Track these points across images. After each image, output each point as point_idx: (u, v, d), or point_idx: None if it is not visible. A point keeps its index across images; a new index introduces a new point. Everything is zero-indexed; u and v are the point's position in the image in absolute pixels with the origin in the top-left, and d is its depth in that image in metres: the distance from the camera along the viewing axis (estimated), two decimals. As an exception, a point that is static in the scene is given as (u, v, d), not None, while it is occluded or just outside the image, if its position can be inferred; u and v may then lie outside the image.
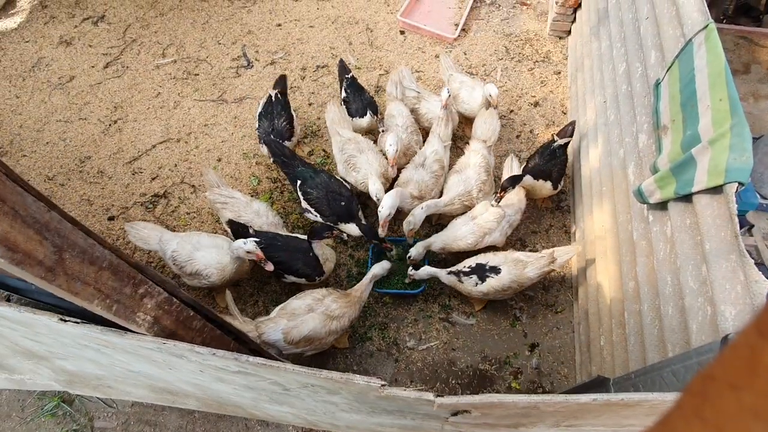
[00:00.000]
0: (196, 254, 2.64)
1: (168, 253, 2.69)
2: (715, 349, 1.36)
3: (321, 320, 2.45)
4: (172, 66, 4.16)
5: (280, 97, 3.32)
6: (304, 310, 2.47)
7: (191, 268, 2.63)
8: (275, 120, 3.25)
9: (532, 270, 2.64)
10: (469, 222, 2.82)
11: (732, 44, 4.16)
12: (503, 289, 2.64)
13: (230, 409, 2.35)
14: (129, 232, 2.82)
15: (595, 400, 1.11)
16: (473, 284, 2.65)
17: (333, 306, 2.49)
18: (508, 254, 2.71)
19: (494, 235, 2.81)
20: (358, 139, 3.10)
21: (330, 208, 2.88)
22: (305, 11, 4.50)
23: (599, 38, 3.22)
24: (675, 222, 1.86)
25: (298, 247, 2.72)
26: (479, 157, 3.01)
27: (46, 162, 3.66)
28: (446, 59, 3.63)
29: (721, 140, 1.63)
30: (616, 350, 2.25)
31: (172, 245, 2.68)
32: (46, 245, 0.80)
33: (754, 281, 1.43)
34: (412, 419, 1.57)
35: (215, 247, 2.66)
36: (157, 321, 1.19)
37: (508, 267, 2.63)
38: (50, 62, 4.19)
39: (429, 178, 2.98)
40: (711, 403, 0.37)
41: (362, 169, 2.98)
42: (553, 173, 3.04)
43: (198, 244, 2.67)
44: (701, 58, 1.85)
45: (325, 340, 2.51)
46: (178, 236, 2.75)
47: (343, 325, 2.53)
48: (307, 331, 2.43)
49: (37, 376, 2.36)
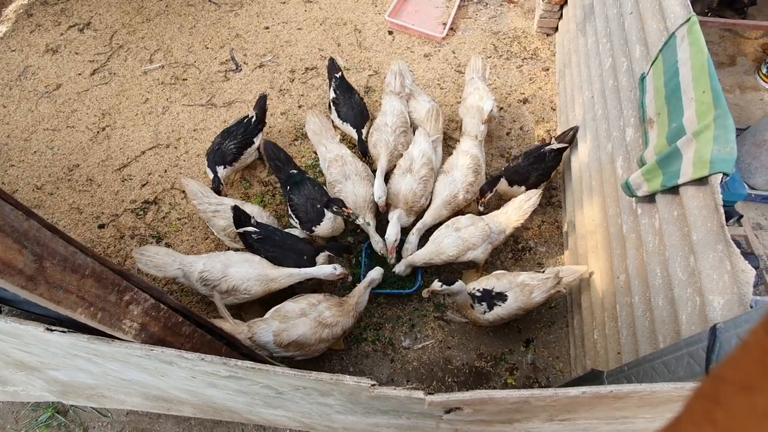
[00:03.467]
0: (229, 270, 2.58)
1: (195, 275, 2.61)
2: (704, 340, 1.36)
3: (312, 326, 2.42)
4: (159, 71, 4.14)
5: (251, 122, 3.20)
6: (297, 313, 2.45)
7: (227, 285, 2.57)
8: (226, 140, 3.13)
9: (539, 294, 2.53)
10: (452, 233, 2.74)
11: (717, 37, 4.20)
12: (509, 316, 2.56)
13: (226, 414, 2.33)
14: (139, 259, 2.67)
15: (584, 393, 1.11)
16: (482, 311, 2.54)
17: (326, 313, 2.45)
18: (512, 278, 2.58)
19: (477, 251, 2.75)
20: (345, 159, 2.98)
21: (306, 214, 2.83)
22: (293, 13, 4.50)
23: (585, 34, 3.23)
24: (663, 214, 1.88)
25: (294, 247, 2.72)
26: (468, 158, 2.97)
27: (34, 171, 3.62)
28: (477, 61, 3.48)
29: (706, 132, 1.64)
30: (610, 343, 2.26)
31: (197, 266, 2.61)
32: (25, 254, 0.79)
33: (740, 270, 1.44)
34: (408, 418, 1.57)
35: (246, 261, 2.62)
36: (145, 328, 1.18)
37: (514, 293, 2.52)
38: (37, 71, 4.16)
39: (417, 185, 2.89)
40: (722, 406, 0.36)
41: (348, 200, 2.86)
42: (531, 178, 2.95)
43: (227, 261, 2.62)
44: (684, 51, 1.87)
45: (315, 347, 2.47)
46: (201, 257, 2.67)
47: (335, 333, 2.48)
48: (296, 335, 2.40)
49: (30, 387, 2.33)
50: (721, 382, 0.37)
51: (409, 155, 2.98)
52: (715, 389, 0.38)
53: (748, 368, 0.35)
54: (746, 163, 3.16)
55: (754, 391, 0.34)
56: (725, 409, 0.36)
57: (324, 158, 3.08)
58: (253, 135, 3.24)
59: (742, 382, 0.35)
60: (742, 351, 0.37)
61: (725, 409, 0.36)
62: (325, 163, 3.07)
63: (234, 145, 3.13)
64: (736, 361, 0.37)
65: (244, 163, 3.27)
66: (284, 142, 3.69)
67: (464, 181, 2.92)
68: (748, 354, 0.36)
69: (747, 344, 0.36)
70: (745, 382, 0.35)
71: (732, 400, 0.36)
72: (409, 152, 3.00)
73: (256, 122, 3.25)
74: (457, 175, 2.93)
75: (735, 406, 0.35)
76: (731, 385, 0.36)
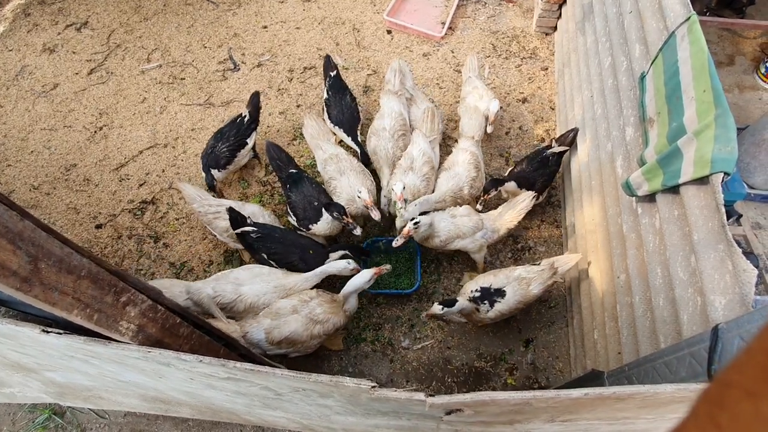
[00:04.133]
0: (242, 289, 2.53)
1: (205, 301, 2.54)
2: (706, 340, 1.36)
3: (303, 323, 2.41)
4: (157, 71, 4.12)
5: (244, 122, 3.17)
6: (289, 310, 2.43)
7: (243, 305, 2.52)
8: (220, 143, 3.11)
9: (536, 286, 2.53)
10: (447, 218, 2.75)
11: (716, 36, 4.19)
12: (510, 311, 2.56)
13: (224, 415, 2.32)
14: None
15: (587, 395, 1.11)
16: (485, 311, 2.54)
17: (317, 310, 2.44)
18: (509, 273, 2.59)
19: (465, 241, 2.74)
20: (340, 156, 2.98)
21: (304, 212, 2.83)
22: (291, 13, 4.48)
23: (585, 33, 3.23)
24: (663, 214, 1.87)
25: (296, 243, 2.71)
26: (467, 154, 2.97)
27: (31, 171, 3.60)
28: (473, 60, 3.51)
29: (706, 131, 1.64)
30: (610, 343, 2.25)
31: (207, 291, 2.54)
32: (20, 255, 0.78)
33: (742, 270, 1.43)
34: (408, 420, 1.56)
35: (256, 276, 2.57)
36: (142, 329, 1.16)
37: (512, 288, 2.53)
38: (34, 70, 4.14)
39: (420, 182, 2.89)
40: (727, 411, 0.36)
41: (343, 194, 2.86)
42: (537, 183, 2.95)
43: (237, 280, 2.56)
44: (684, 50, 1.86)
45: (307, 343, 2.46)
46: (207, 282, 2.59)
47: (327, 329, 2.46)
48: (288, 332, 2.39)
49: (27, 388, 2.32)
50: (726, 387, 0.37)
51: (409, 155, 2.96)
52: (720, 394, 0.38)
53: (753, 373, 0.35)
54: (745, 162, 3.16)
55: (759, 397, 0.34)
56: (730, 414, 0.36)
57: (321, 160, 3.08)
58: (246, 136, 3.22)
59: (747, 388, 0.35)
60: (747, 356, 0.37)
61: (730, 414, 0.36)
62: (322, 164, 3.06)
63: (227, 148, 3.12)
64: (741, 366, 0.37)
65: (238, 165, 3.26)
66: (283, 141, 3.68)
67: (467, 175, 2.91)
68: (753, 359, 0.36)
69: (751, 349, 0.36)
70: (750, 388, 0.35)
71: (737, 405, 0.36)
72: (409, 152, 2.98)
73: (250, 121, 3.23)
74: (460, 170, 2.93)
75: (740, 411, 0.35)
76: (736, 390, 0.36)
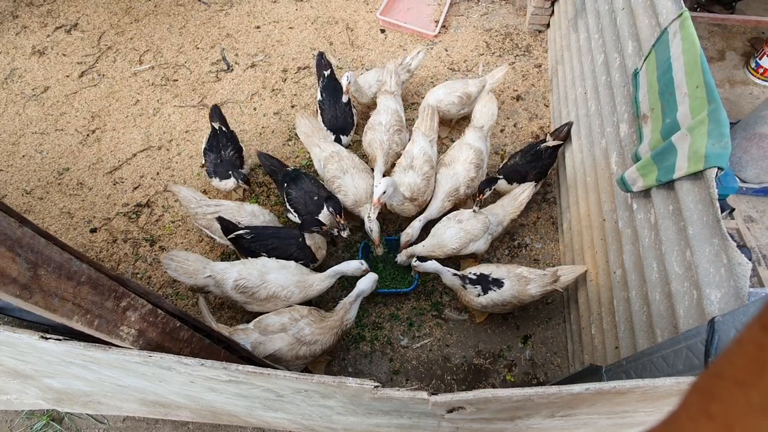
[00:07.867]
0: (268, 277, 2.52)
1: (230, 282, 2.53)
2: (703, 333, 1.37)
3: (289, 342, 2.37)
4: (149, 72, 4.09)
5: (224, 129, 3.19)
6: (278, 328, 2.39)
7: (266, 293, 2.51)
8: (222, 151, 3.13)
9: (534, 287, 2.55)
10: (455, 225, 2.75)
11: (706, 32, 4.23)
12: (503, 304, 2.56)
13: (225, 418, 2.32)
14: (168, 265, 2.57)
15: (587, 390, 1.12)
16: (475, 294, 2.56)
17: (306, 330, 2.38)
18: (511, 268, 2.62)
19: (479, 242, 2.77)
20: (341, 154, 2.96)
21: (305, 206, 2.85)
22: (284, 12, 4.46)
23: (577, 30, 3.25)
24: (658, 209, 1.89)
25: (290, 234, 2.74)
26: (471, 152, 2.94)
27: (23, 176, 3.56)
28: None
29: (700, 127, 1.65)
30: (607, 338, 2.27)
31: (231, 274, 2.54)
32: (19, 262, 0.77)
33: (737, 264, 1.45)
34: (409, 418, 1.57)
35: (283, 267, 2.58)
36: (143, 334, 1.16)
37: (511, 281, 2.54)
38: (23, 73, 4.09)
39: (420, 180, 2.87)
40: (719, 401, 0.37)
41: (349, 193, 2.87)
42: (529, 176, 2.97)
43: (264, 267, 2.56)
44: (677, 46, 1.87)
45: (292, 362, 2.41)
46: (234, 264, 2.58)
47: (314, 351, 2.41)
48: (272, 350, 2.36)
49: (24, 395, 2.30)
50: (717, 378, 0.38)
51: (408, 154, 2.95)
52: (712, 384, 0.38)
53: (743, 363, 0.36)
54: (737, 156, 3.19)
55: (749, 386, 0.34)
56: (722, 404, 0.37)
57: (319, 158, 3.04)
58: (236, 138, 3.25)
59: (738, 378, 0.36)
60: (737, 346, 0.37)
61: (722, 404, 0.37)
62: (320, 163, 3.03)
63: (232, 150, 3.14)
64: (731, 356, 0.37)
65: (248, 163, 3.31)
66: (278, 142, 3.67)
67: (466, 176, 2.92)
68: (743, 349, 0.36)
69: (741, 339, 0.37)
70: (740, 377, 0.35)
71: (728, 395, 0.36)
72: (408, 151, 2.97)
73: (229, 131, 3.23)
74: (459, 169, 2.93)
75: (731, 400, 0.36)
76: (727, 380, 0.37)
